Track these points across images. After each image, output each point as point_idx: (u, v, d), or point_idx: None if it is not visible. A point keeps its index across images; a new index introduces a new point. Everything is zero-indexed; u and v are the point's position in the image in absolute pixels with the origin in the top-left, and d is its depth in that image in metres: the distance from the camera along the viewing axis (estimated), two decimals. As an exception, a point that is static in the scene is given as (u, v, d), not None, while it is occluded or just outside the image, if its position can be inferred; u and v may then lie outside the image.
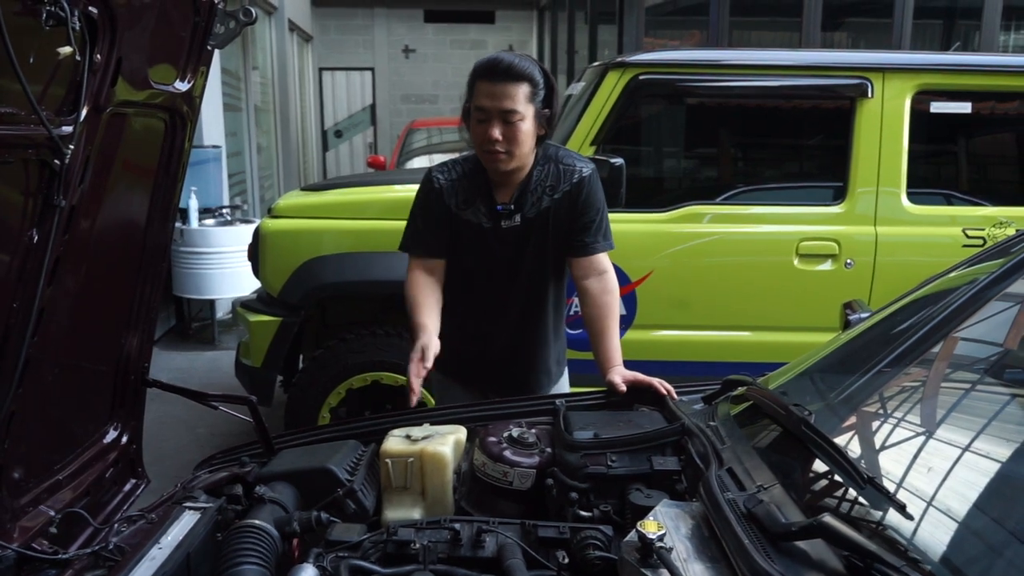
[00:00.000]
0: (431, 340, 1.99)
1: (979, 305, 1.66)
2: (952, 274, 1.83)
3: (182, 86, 1.51)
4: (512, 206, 2.14)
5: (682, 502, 1.33)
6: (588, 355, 2.16)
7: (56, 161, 1.20)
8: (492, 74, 2.03)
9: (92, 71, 1.23)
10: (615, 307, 2.16)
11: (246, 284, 5.53)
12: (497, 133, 2.03)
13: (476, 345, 2.29)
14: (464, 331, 2.30)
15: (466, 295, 2.26)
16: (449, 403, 2.23)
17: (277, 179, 11.03)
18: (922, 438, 1.35)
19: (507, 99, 2.01)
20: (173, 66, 1.49)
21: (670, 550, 1.12)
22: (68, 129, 1.21)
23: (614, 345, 2.09)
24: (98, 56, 1.23)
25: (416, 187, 2.29)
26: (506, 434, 1.59)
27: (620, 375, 1.95)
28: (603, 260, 2.18)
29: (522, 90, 2.02)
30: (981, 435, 1.28)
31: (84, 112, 1.24)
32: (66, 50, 1.14)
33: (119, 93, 1.31)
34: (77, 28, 1.13)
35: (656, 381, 1.87)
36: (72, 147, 1.22)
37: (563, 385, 2.39)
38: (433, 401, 2.55)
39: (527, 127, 2.05)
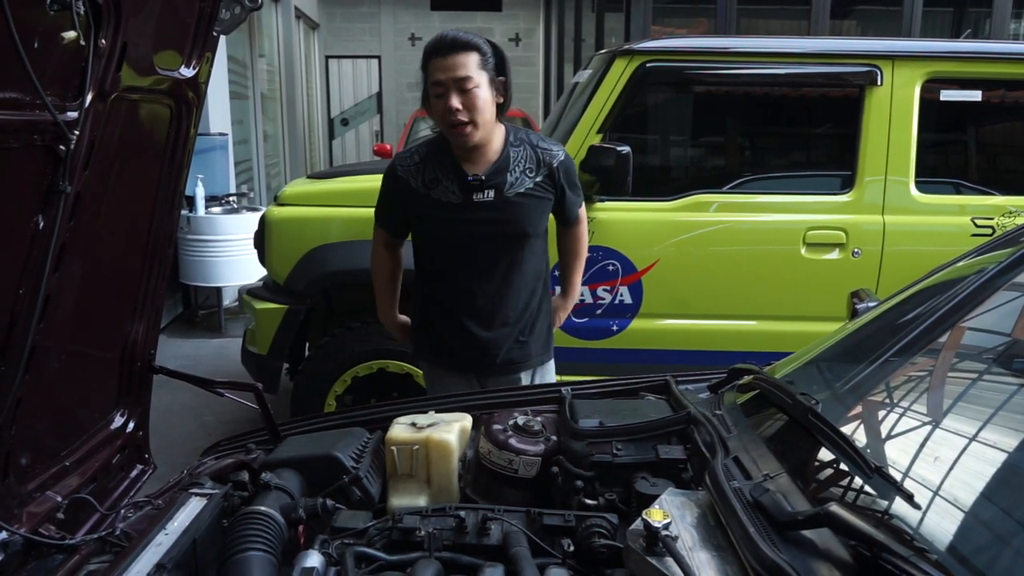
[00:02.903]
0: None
1: (987, 295, 1.65)
2: (960, 263, 1.81)
3: (187, 72, 1.50)
4: (483, 177, 2.18)
5: (688, 491, 1.33)
6: (587, 343, 2.17)
7: (61, 147, 1.20)
8: (439, 49, 2.12)
9: (97, 56, 1.22)
10: (582, 261, 2.56)
11: (252, 272, 5.55)
12: (456, 102, 2.09)
13: (460, 329, 2.31)
14: (441, 314, 2.33)
15: (444, 274, 2.29)
16: (442, 391, 2.25)
17: (283, 167, 11.03)
18: (929, 428, 1.34)
19: (459, 68, 2.09)
20: (178, 52, 1.48)
21: (676, 539, 1.12)
22: (73, 114, 1.21)
23: (572, 292, 2.57)
24: (103, 41, 1.22)
25: None
26: (511, 422, 1.59)
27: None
28: (581, 215, 2.46)
29: (472, 58, 2.10)
30: (988, 425, 1.28)
31: (89, 97, 1.23)
32: (70, 35, 1.13)
33: (124, 79, 1.30)
34: (82, 12, 1.13)
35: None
36: (77, 132, 1.21)
37: (548, 369, 2.43)
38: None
39: (484, 94, 2.12)
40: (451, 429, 1.57)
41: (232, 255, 5.86)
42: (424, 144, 2.30)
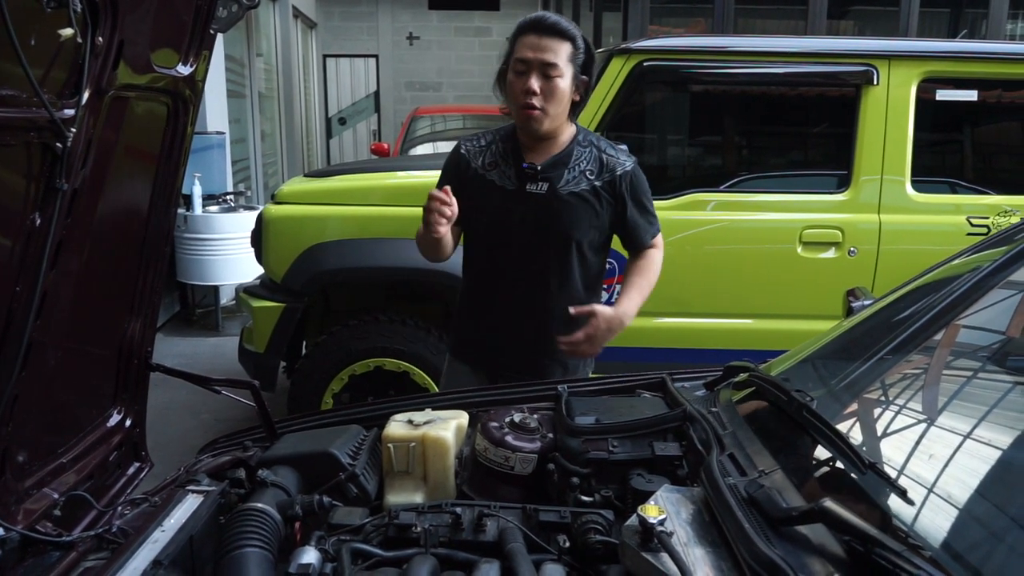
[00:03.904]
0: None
1: (982, 293, 1.65)
2: (955, 262, 1.82)
3: (184, 70, 1.50)
4: (539, 167, 2.13)
5: (683, 487, 1.33)
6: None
7: (58, 144, 1.20)
8: (539, 28, 2.06)
9: (94, 54, 1.22)
10: (652, 280, 2.30)
11: (249, 270, 5.55)
12: (535, 84, 2.05)
13: (491, 322, 2.26)
14: (480, 305, 2.28)
15: (485, 265, 2.24)
16: (454, 386, 2.23)
17: (281, 166, 11.02)
18: (924, 425, 1.35)
19: (550, 52, 2.04)
20: (175, 50, 1.48)
21: (671, 534, 1.12)
22: (70, 112, 1.21)
23: (633, 298, 2.22)
24: (100, 39, 1.22)
25: (419, 174, 2.29)
26: (508, 419, 1.59)
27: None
28: (656, 242, 2.32)
29: (565, 48, 2.06)
30: (983, 422, 1.28)
31: (86, 95, 1.23)
32: (67, 32, 1.13)
33: (121, 76, 1.30)
34: (78, 10, 1.13)
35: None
36: (74, 130, 1.21)
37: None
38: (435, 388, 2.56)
39: (564, 86, 2.07)
40: (447, 426, 1.57)
41: (229, 254, 5.85)
42: (493, 131, 2.27)
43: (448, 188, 2.00)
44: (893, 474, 1.16)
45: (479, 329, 2.29)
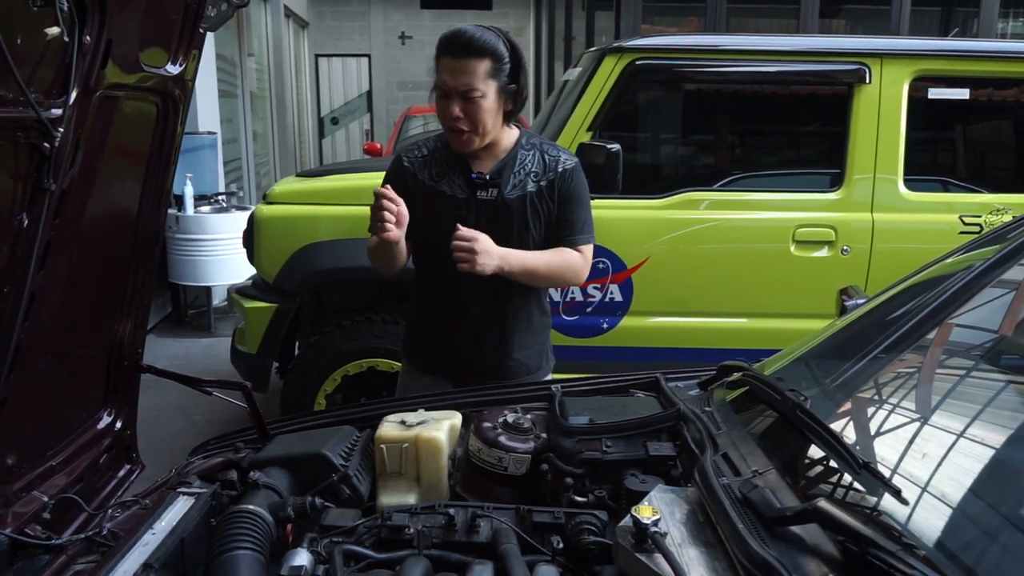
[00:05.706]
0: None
1: (975, 291, 1.65)
2: (948, 260, 1.82)
3: (174, 69, 1.49)
4: (488, 176, 2.13)
5: (677, 487, 1.33)
6: (578, 341, 2.15)
7: (46, 144, 1.19)
8: (452, 50, 2.02)
9: (81, 53, 1.21)
10: (561, 264, 2.16)
11: (242, 271, 5.52)
12: (457, 110, 2.03)
13: (448, 332, 2.24)
14: (435, 316, 2.27)
15: (440, 273, 2.21)
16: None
17: (273, 166, 11.00)
18: (917, 424, 1.35)
19: (466, 75, 2.00)
20: (164, 49, 1.47)
21: (665, 535, 1.12)
22: (58, 112, 1.20)
23: (525, 253, 2.11)
24: (87, 37, 1.21)
25: None
26: (501, 419, 1.58)
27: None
28: (582, 249, 2.21)
29: (483, 65, 2.00)
30: (976, 421, 1.28)
31: (74, 95, 1.22)
32: (54, 31, 1.12)
33: (109, 76, 1.29)
34: (65, 8, 1.12)
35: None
36: (62, 130, 1.20)
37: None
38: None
39: (488, 104, 2.04)
40: (440, 427, 1.57)
41: (221, 254, 5.84)
42: (432, 139, 2.24)
43: (389, 187, 1.98)
44: (887, 473, 1.16)
45: (442, 341, 2.27)
